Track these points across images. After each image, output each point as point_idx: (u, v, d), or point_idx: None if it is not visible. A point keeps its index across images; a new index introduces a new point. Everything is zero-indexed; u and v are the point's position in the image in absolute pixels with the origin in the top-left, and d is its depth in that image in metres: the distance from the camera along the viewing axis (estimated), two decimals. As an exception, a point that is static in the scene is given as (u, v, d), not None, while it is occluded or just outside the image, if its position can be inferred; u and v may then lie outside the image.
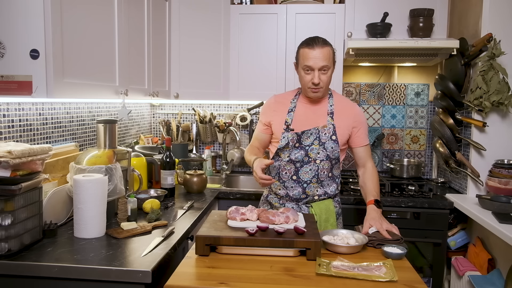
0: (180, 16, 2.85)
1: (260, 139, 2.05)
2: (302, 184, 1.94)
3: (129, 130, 2.99)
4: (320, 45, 1.85)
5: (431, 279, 2.56)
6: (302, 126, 1.93)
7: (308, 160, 1.92)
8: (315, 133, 1.92)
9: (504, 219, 1.99)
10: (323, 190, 1.96)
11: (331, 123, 1.93)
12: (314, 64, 1.83)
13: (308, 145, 1.92)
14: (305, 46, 1.88)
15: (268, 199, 2.06)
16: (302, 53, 1.88)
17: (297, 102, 2.00)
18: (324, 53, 1.84)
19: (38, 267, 1.36)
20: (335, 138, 1.91)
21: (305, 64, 1.85)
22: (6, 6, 1.45)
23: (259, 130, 2.06)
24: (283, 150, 1.94)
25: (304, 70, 1.88)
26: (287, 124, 1.94)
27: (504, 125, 2.43)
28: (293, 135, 1.92)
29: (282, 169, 1.96)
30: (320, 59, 1.83)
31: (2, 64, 1.47)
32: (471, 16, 2.55)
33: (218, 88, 2.95)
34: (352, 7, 2.80)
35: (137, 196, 2.10)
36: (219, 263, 1.40)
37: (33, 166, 1.51)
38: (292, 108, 1.98)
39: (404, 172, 2.96)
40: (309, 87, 1.89)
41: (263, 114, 2.05)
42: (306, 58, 1.85)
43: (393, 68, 3.18)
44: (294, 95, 2.03)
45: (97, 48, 1.83)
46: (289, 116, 1.96)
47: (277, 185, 1.99)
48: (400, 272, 1.35)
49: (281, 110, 1.99)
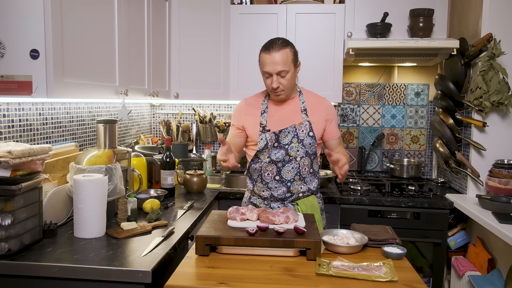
0: (180, 16, 2.85)
1: (234, 143, 2.03)
2: (286, 183, 1.96)
3: (129, 130, 2.99)
4: (276, 48, 1.82)
5: (431, 279, 2.56)
6: (278, 126, 1.95)
7: (289, 158, 1.94)
8: (292, 131, 1.94)
9: (504, 219, 1.99)
10: (307, 187, 2.00)
11: (306, 120, 1.96)
12: (271, 69, 1.84)
13: (287, 143, 1.94)
14: (263, 50, 1.87)
15: (251, 200, 2.07)
16: (261, 58, 1.88)
17: (268, 103, 2.01)
18: (281, 56, 1.82)
19: (38, 267, 1.36)
20: (312, 134, 1.95)
21: (263, 70, 1.88)
22: (6, 6, 1.45)
23: (233, 134, 2.05)
24: (263, 152, 1.95)
25: (264, 75, 1.90)
26: (262, 125, 1.95)
27: (504, 125, 2.43)
28: (271, 135, 1.93)
29: (264, 170, 1.97)
30: (277, 63, 1.82)
31: (2, 64, 1.47)
32: (471, 16, 2.55)
33: (218, 88, 2.95)
34: (352, 7, 2.80)
35: (137, 196, 2.10)
36: (219, 263, 1.40)
37: (33, 166, 1.51)
38: (265, 109, 1.99)
39: (404, 172, 2.96)
40: (270, 90, 1.91)
41: (235, 118, 2.04)
42: (263, 64, 1.86)
43: (393, 68, 3.18)
44: (264, 97, 2.04)
45: (97, 48, 1.83)
46: (263, 118, 1.97)
47: (260, 187, 2.00)
48: (400, 272, 1.35)
49: (254, 113, 2.00)
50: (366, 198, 2.55)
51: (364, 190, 2.65)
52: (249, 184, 2.08)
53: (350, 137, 3.25)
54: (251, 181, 2.05)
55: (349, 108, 3.24)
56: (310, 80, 2.88)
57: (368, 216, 2.54)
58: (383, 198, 2.54)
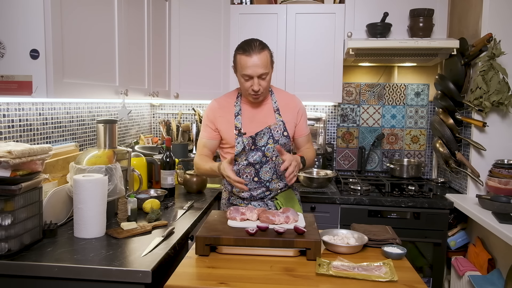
0: (180, 16, 2.85)
1: (209, 146, 2.01)
2: (264, 184, 1.99)
3: (129, 130, 2.99)
4: (257, 51, 1.81)
5: (431, 279, 2.56)
6: (253, 128, 1.95)
7: (266, 160, 1.96)
8: (267, 132, 1.95)
9: (504, 219, 1.99)
10: (283, 183, 2.03)
11: (280, 120, 1.98)
12: (253, 72, 1.82)
13: (263, 145, 1.95)
14: (242, 52, 1.84)
15: (231, 201, 2.08)
16: (240, 60, 1.85)
17: (241, 104, 2.00)
18: (262, 59, 1.81)
19: (38, 267, 1.36)
20: (286, 133, 1.97)
21: (243, 72, 1.84)
22: (6, 6, 1.45)
23: (208, 137, 2.00)
24: (240, 155, 1.95)
25: (243, 77, 1.86)
26: (238, 128, 1.94)
27: (504, 125, 2.43)
28: (248, 139, 1.93)
29: (242, 172, 1.98)
30: (259, 66, 1.81)
31: (2, 64, 1.47)
32: (471, 16, 2.55)
33: (218, 88, 2.95)
34: (352, 7, 2.80)
35: (137, 196, 2.10)
36: (219, 263, 1.40)
37: (33, 166, 1.51)
38: (238, 111, 1.97)
39: (404, 172, 2.96)
40: (250, 93, 1.89)
41: (208, 120, 2.00)
42: (244, 67, 1.83)
43: (393, 68, 3.18)
44: (235, 97, 2.02)
45: (97, 48, 1.83)
46: (237, 120, 1.96)
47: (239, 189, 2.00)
48: (400, 272, 1.35)
49: (227, 115, 1.98)
50: (366, 198, 2.55)
51: (364, 190, 2.65)
52: (227, 186, 2.09)
53: (350, 137, 3.25)
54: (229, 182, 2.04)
55: (349, 108, 3.24)
56: (310, 80, 2.88)
57: (368, 216, 2.54)
58: (383, 198, 2.54)
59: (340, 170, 3.27)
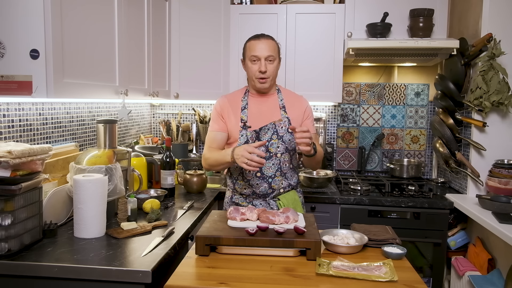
0: (180, 16, 2.85)
1: (219, 140, 2.03)
2: (267, 180, 1.99)
3: (129, 130, 2.99)
4: (265, 37, 1.97)
5: (431, 279, 2.56)
6: (258, 123, 1.98)
7: (269, 155, 1.97)
8: (272, 128, 1.98)
9: (504, 219, 1.99)
10: (287, 182, 2.03)
11: (285, 116, 2.00)
12: (261, 53, 1.92)
13: (267, 140, 1.97)
14: (251, 39, 1.99)
15: (233, 200, 2.09)
16: (249, 45, 1.97)
17: (248, 100, 2.04)
18: (269, 44, 1.95)
19: (38, 267, 1.36)
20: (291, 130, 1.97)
21: (251, 54, 1.94)
22: (6, 6, 1.45)
23: (217, 129, 2.04)
24: None
25: (251, 60, 1.95)
26: (243, 121, 1.98)
27: (504, 125, 2.43)
28: (252, 133, 1.96)
29: None
30: (266, 49, 1.93)
31: (2, 64, 1.47)
32: (471, 16, 2.55)
33: (218, 88, 2.95)
34: (352, 7, 2.81)
35: (137, 196, 2.10)
36: (219, 263, 1.40)
37: (33, 166, 1.51)
38: (245, 105, 2.02)
39: (404, 172, 2.96)
40: (257, 77, 1.95)
41: (217, 113, 2.05)
42: (252, 49, 1.95)
43: (393, 68, 3.18)
44: (243, 94, 2.07)
45: (97, 48, 1.83)
46: (244, 114, 2.00)
47: (242, 185, 2.03)
48: (400, 272, 1.35)
49: (234, 109, 2.03)
50: (366, 198, 2.55)
51: (364, 190, 2.65)
52: (230, 183, 2.11)
53: (350, 137, 3.25)
54: (232, 179, 2.08)
55: (349, 108, 3.24)
56: (310, 80, 2.88)
57: (368, 216, 2.54)
58: (383, 198, 2.54)
59: (340, 170, 3.27)
